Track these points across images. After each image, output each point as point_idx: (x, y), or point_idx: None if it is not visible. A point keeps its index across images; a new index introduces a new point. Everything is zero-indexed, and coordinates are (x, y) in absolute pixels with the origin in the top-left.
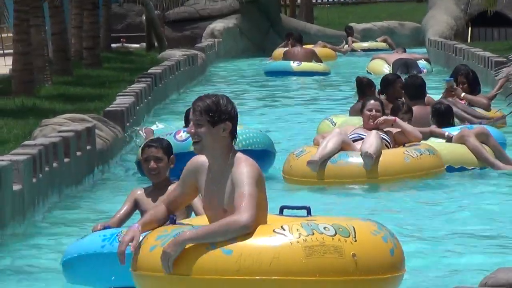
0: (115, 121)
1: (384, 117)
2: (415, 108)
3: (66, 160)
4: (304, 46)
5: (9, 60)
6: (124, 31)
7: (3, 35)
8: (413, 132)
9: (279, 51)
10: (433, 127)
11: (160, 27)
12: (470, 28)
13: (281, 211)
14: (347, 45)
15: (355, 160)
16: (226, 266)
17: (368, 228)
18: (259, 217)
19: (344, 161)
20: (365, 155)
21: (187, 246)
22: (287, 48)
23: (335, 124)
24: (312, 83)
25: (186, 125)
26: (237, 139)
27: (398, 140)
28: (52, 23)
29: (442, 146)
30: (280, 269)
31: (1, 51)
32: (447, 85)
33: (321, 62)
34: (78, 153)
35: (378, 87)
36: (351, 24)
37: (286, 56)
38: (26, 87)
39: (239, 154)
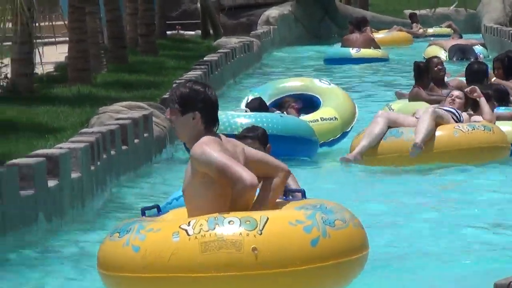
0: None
1: (473, 87)
2: None
3: (123, 147)
4: (366, 32)
5: (62, 48)
6: (179, 18)
7: (55, 23)
8: (489, 114)
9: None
10: None
11: (215, 14)
12: None
13: (285, 194)
14: (422, 29)
15: (406, 136)
16: (134, 264)
17: (289, 218)
18: (219, 203)
19: (395, 137)
20: (413, 145)
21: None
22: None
23: (393, 110)
24: (371, 69)
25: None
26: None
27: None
28: (106, 11)
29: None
30: (177, 265)
31: (58, 39)
32: None
33: (380, 48)
34: (136, 141)
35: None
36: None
37: (345, 43)
38: (82, 75)
39: (204, 139)
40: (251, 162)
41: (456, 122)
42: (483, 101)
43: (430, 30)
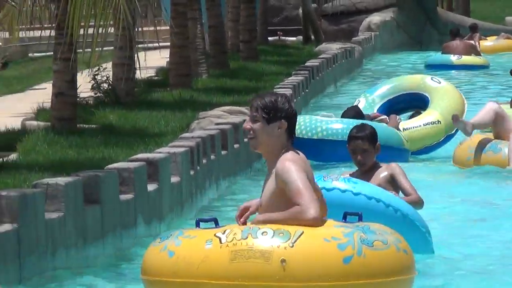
0: None
1: None
2: None
3: (223, 152)
4: (474, 38)
5: (164, 53)
6: (281, 24)
7: (158, 28)
8: None
9: (485, 43)
10: None
11: (316, 20)
12: None
13: (344, 217)
14: None
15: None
16: (167, 268)
17: (325, 235)
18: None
19: (493, 152)
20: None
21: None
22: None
23: None
24: (472, 76)
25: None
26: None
27: None
28: (208, 16)
29: None
30: (205, 272)
31: (157, 44)
32: None
33: (480, 55)
34: (236, 146)
35: None
36: None
37: (445, 50)
38: (183, 80)
39: (291, 154)
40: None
41: None
42: None
43: None
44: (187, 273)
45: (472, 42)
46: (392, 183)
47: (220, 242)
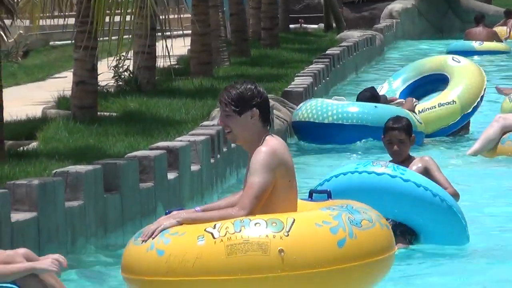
0: (293, 101)
1: None
2: None
3: None
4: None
5: (182, 41)
6: (302, 12)
7: (181, 16)
8: None
9: (497, 30)
10: None
11: (338, 7)
12: None
13: (310, 195)
14: None
15: None
16: (158, 267)
17: (316, 219)
18: (276, 204)
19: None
20: None
21: (132, 247)
22: (501, 26)
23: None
24: (491, 62)
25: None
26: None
27: None
28: (230, 4)
29: None
30: (202, 269)
31: (181, 32)
32: None
33: (502, 41)
34: None
35: None
36: None
37: (468, 36)
38: (204, 68)
39: (268, 139)
40: None
41: None
42: None
43: None
44: (182, 271)
45: (495, 29)
46: (426, 176)
47: (213, 237)
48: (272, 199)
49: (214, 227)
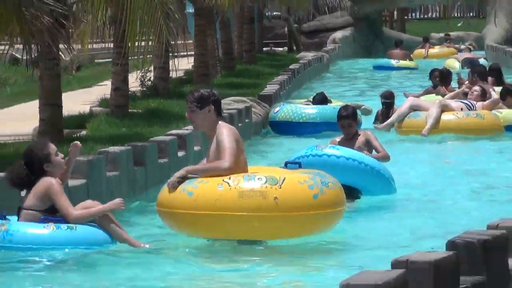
0: (266, 102)
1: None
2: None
3: None
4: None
5: (190, 59)
6: (272, 39)
7: (186, 42)
8: (486, 107)
9: (418, 51)
10: None
11: (297, 36)
12: None
13: (285, 165)
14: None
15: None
16: (188, 204)
17: (299, 178)
18: (237, 165)
19: (414, 117)
20: (422, 134)
21: (167, 190)
22: (421, 49)
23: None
24: (403, 75)
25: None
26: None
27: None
28: (221, 33)
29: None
30: (221, 206)
31: (185, 53)
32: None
33: (413, 60)
34: (240, 125)
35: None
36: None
37: (389, 56)
38: (203, 78)
39: (221, 123)
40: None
41: (469, 109)
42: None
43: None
44: (205, 207)
45: (416, 51)
46: (368, 145)
47: (229, 185)
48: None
49: (230, 178)
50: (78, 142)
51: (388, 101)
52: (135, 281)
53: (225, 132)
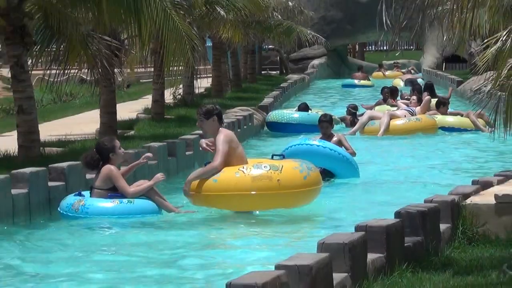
0: (264, 110)
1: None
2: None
3: (239, 130)
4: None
5: (209, 80)
6: (268, 65)
7: (206, 67)
8: (419, 111)
9: (376, 73)
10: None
11: (287, 62)
12: (444, 63)
13: (272, 156)
14: (406, 71)
15: (375, 126)
16: (212, 187)
17: (292, 165)
18: (232, 162)
19: (371, 125)
20: (378, 135)
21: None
22: (378, 72)
23: (375, 109)
24: (363, 91)
25: (300, 109)
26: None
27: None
28: (231, 61)
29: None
30: (239, 187)
31: (205, 75)
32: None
33: (369, 80)
34: (244, 127)
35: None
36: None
37: (352, 77)
38: (219, 93)
39: (221, 129)
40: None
41: (412, 115)
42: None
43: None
44: (227, 187)
45: (366, 74)
46: (339, 144)
47: (244, 172)
48: (230, 157)
49: (243, 167)
50: (147, 158)
51: (354, 111)
52: (176, 237)
53: (221, 138)
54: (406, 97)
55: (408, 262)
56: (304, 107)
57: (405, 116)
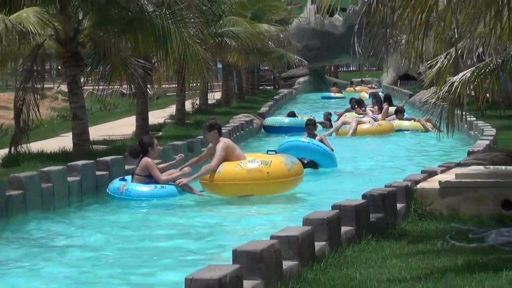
0: (261, 116)
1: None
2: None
3: (242, 132)
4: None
5: (219, 94)
6: (264, 82)
7: (217, 83)
8: (381, 117)
9: (348, 89)
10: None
11: (278, 80)
12: (399, 80)
13: (266, 152)
14: (370, 86)
15: (346, 129)
16: (217, 178)
17: (279, 159)
18: (232, 159)
19: (343, 128)
20: (349, 135)
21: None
22: (350, 88)
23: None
24: (337, 103)
25: (289, 115)
26: (294, 123)
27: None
28: (236, 78)
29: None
30: (236, 178)
31: (218, 89)
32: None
33: (341, 93)
34: (246, 129)
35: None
36: (356, 79)
37: (329, 91)
38: (226, 103)
39: (221, 139)
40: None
41: (375, 121)
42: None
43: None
44: (228, 178)
45: (339, 88)
46: (321, 141)
47: (241, 166)
48: (229, 157)
49: (241, 163)
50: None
51: (329, 117)
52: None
53: (220, 146)
54: (368, 107)
55: (372, 234)
56: (292, 114)
57: (369, 121)
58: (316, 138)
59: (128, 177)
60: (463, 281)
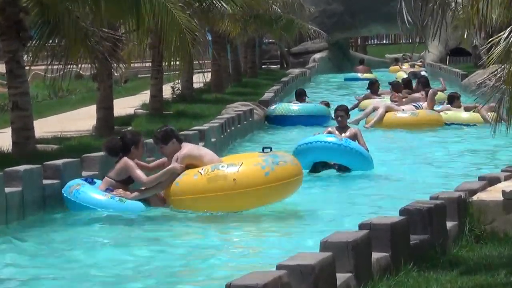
0: (264, 105)
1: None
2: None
3: (239, 126)
4: (365, 66)
5: (208, 75)
6: (269, 59)
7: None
8: (427, 105)
9: (393, 67)
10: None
11: (287, 56)
12: (448, 57)
13: (262, 149)
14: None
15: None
16: (175, 190)
17: (253, 161)
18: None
19: (372, 115)
20: (368, 126)
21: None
22: (395, 66)
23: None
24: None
25: (296, 99)
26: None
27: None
28: (231, 55)
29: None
30: (196, 189)
31: (206, 69)
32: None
33: (372, 73)
34: (245, 122)
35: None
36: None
37: (355, 70)
38: (218, 88)
39: (183, 145)
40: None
41: (417, 109)
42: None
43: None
44: (187, 191)
45: (368, 67)
46: (354, 138)
47: (201, 174)
48: (197, 164)
49: (202, 169)
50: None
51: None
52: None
53: (182, 154)
54: (385, 93)
55: (414, 261)
56: (300, 94)
57: (403, 110)
58: (347, 133)
59: (98, 181)
60: None
